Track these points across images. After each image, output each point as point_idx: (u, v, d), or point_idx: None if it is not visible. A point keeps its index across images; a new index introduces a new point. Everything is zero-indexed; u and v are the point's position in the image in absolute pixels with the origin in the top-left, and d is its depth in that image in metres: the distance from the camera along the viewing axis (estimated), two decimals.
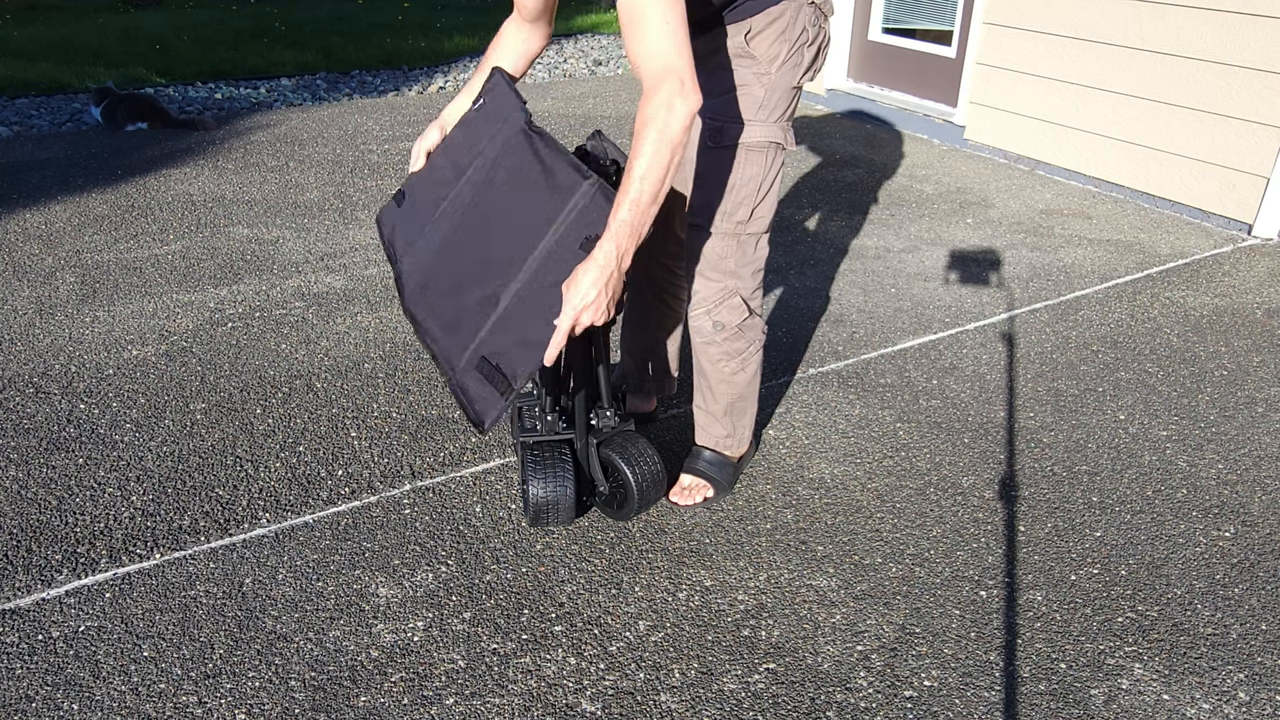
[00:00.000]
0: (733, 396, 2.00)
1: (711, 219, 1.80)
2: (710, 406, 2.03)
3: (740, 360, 1.94)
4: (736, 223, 1.80)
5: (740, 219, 1.79)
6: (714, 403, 2.02)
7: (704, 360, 1.96)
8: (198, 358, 2.63)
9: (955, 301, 3.10)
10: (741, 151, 1.76)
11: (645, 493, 1.91)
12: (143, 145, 4.48)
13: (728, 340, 1.90)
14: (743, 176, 1.77)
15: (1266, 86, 3.53)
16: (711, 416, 2.04)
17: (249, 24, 7.50)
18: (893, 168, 4.47)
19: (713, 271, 1.84)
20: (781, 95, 1.75)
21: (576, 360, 1.85)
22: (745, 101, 1.74)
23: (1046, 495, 2.14)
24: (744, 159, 1.76)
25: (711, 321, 1.88)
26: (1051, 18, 4.18)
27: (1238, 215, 3.72)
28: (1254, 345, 2.83)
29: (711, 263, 1.83)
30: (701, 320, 1.89)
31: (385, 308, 2.95)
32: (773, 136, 1.76)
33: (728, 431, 2.06)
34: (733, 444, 2.07)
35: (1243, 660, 1.69)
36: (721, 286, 1.85)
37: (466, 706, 1.57)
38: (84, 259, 3.22)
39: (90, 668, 1.63)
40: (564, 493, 1.88)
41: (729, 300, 1.86)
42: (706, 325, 1.89)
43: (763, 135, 1.75)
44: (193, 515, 2.01)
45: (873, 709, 1.59)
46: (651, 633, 1.73)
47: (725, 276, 1.84)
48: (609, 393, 1.94)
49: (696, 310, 1.89)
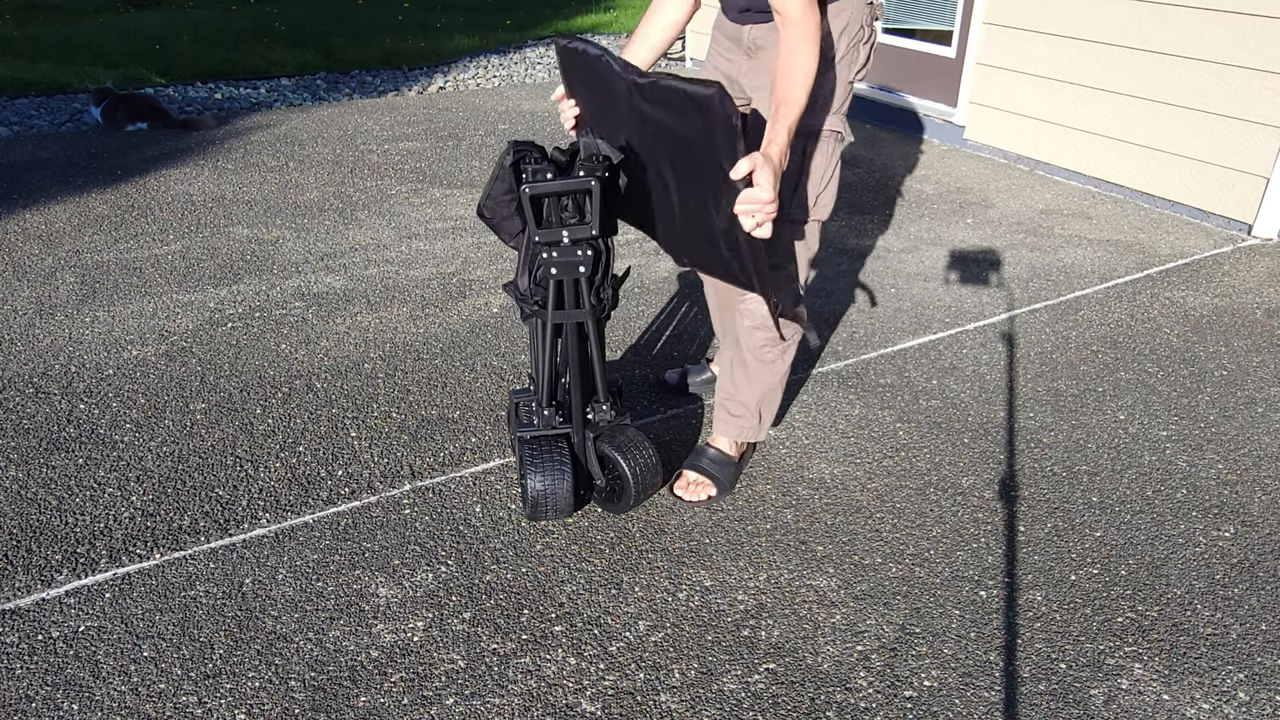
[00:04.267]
0: (769, 386, 2.03)
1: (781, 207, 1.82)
2: (744, 396, 2.04)
3: (782, 349, 1.98)
4: (804, 210, 1.86)
5: (808, 206, 1.86)
6: (750, 392, 2.03)
7: (747, 347, 1.97)
8: (198, 358, 2.63)
9: (955, 301, 3.10)
10: (809, 140, 1.83)
11: (642, 483, 1.92)
12: (143, 145, 4.47)
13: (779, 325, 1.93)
14: (812, 165, 1.84)
15: (1266, 86, 3.53)
16: (743, 406, 2.06)
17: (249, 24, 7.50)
18: (893, 168, 4.47)
19: (776, 257, 1.87)
20: (842, 88, 1.84)
21: (573, 355, 1.86)
22: None
23: (1046, 495, 2.14)
24: (812, 148, 1.83)
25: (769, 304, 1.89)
26: (1051, 18, 4.18)
27: (1238, 215, 3.72)
28: (1254, 345, 2.83)
29: (777, 249, 1.86)
30: (758, 305, 1.90)
31: (385, 308, 2.95)
32: (834, 126, 1.85)
33: (756, 422, 2.08)
34: (756, 432, 2.10)
35: (1243, 660, 1.69)
36: (784, 273, 1.89)
37: (466, 706, 1.57)
38: (84, 259, 3.22)
39: (90, 668, 1.63)
40: (561, 484, 1.88)
41: (790, 286, 1.91)
42: (762, 309, 1.90)
43: (828, 125, 1.84)
44: (193, 515, 2.01)
45: (873, 709, 1.59)
46: (651, 633, 1.73)
47: (787, 262, 1.89)
48: (605, 387, 1.95)
49: (754, 295, 1.90)
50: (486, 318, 2.90)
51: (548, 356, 1.87)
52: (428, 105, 5.42)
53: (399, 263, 3.27)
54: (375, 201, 3.83)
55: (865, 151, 4.72)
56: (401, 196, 3.90)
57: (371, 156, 4.41)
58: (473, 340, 2.77)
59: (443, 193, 3.96)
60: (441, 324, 2.86)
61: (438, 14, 8.38)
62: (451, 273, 3.20)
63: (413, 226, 3.59)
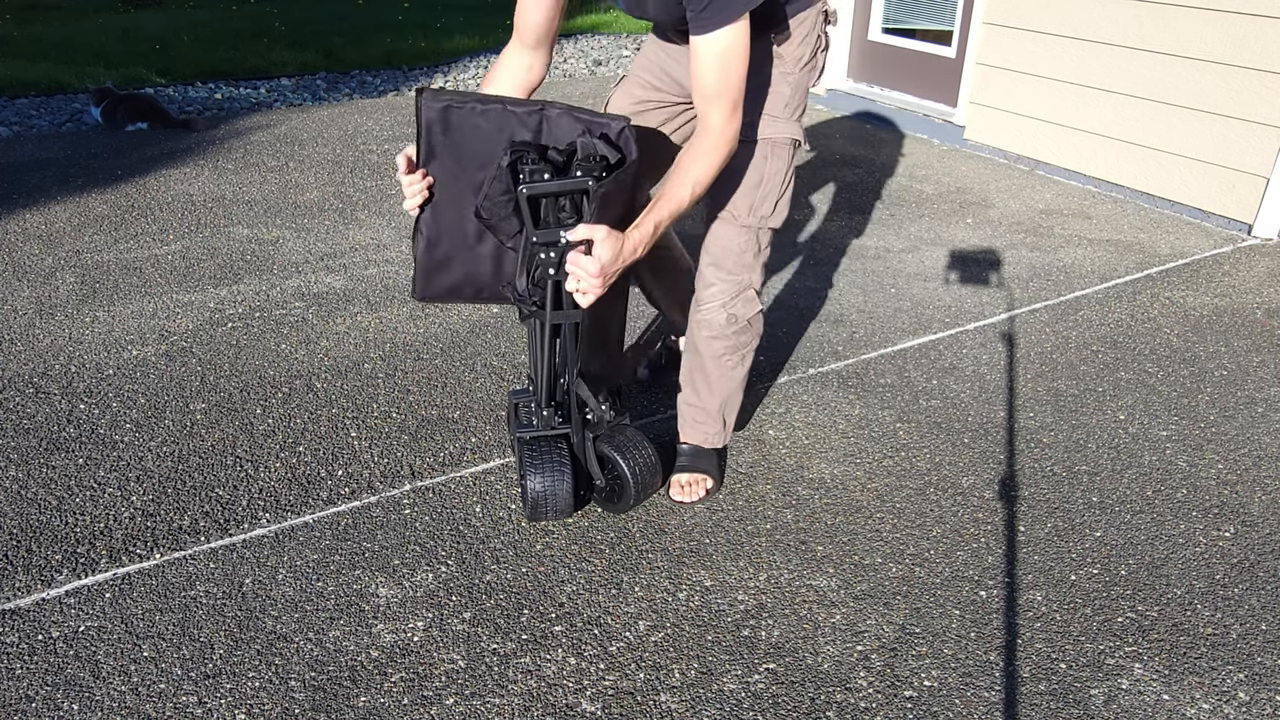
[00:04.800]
0: (728, 392, 2.03)
1: (738, 213, 1.86)
2: (705, 402, 2.05)
3: (741, 355, 1.98)
4: (761, 216, 1.86)
5: (764, 213, 1.86)
6: (710, 399, 2.04)
7: (706, 355, 1.97)
8: (198, 358, 2.63)
9: (955, 301, 3.10)
10: (768, 147, 1.83)
11: (641, 482, 1.92)
12: (143, 145, 4.47)
13: (736, 334, 1.94)
14: (769, 171, 1.84)
15: (1266, 86, 3.53)
16: (705, 412, 2.06)
17: (249, 24, 7.50)
18: (893, 168, 4.47)
19: (733, 265, 1.89)
20: (802, 95, 1.86)
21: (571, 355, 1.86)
22: (773, 100, 1.82)
23: (1046, 495, 2.14)
24: (771, 154, 1.84)
25: (726, 314, 1.91)
26: (1051, 18, 4.18)
27: (1238, 215, 3.72)
28: (1254, 345, 2.83)
29: (733, 256, 1.88)
30: (715, 314, 1.91)
31: (385, 308, 2.95)
32: (794, 134, 1.85)
33: (719, 427, 2.08)
34: (722, 438, 2.11)
35: (1243, 660, 1.69)
36: (739, 280, 1.90)
37: (466, 706, 1.57)
38: (84, 259, 3.22)
39: (90, 668, 1.63)
40: (561, 484, 1.89)
41: (745, 294, 1.92)
42: (720, 319, 1.91)
43: (787, 132, 1.85)
44: (193, 515, 2.01)
45: (873, 709, 1.59)
46: (651, 633, 1.73)
47: (743, 270, 1.90)
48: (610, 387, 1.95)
49: (711, 304, 1.92)
50: (486, 318, 2.90)
51: (546, 357, 1.87)
52: None
53: (399, 263, 3.27)
54: (375, 201, 3.84)
55: (865, 151, 4.72)
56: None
57: (371, 156, 4.41)
58: (473, 340, 2.77)
59: None
60: (441, 324, 2.86)
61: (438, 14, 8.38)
62: None
63: (413, 226, 3.59)
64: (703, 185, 1.66)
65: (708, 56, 1.57)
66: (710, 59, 1.57)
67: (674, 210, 1.65)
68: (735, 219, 1.86)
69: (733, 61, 1.57)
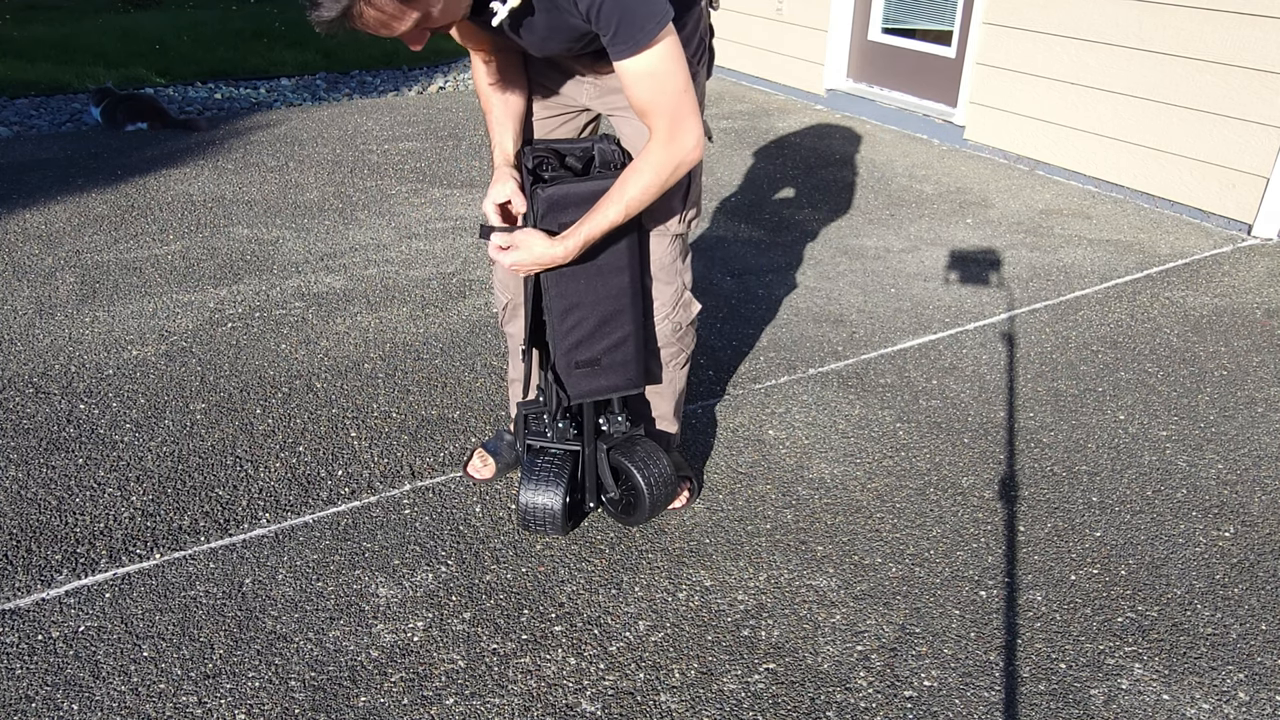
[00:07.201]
0: (678, 393, 2.04)
1: (669, 224, 1.83)
2: (662, 409, 2.05)
3: (687, 355, 1.99)
4: (685, 221, 1.85)
5: (691, 217, 1.86)
6: (665, 404, 2.04)
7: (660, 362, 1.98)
8: (198, 358, 2.63)
9: (955, 301, 3.10)
10: None
11: (656, 496, 1.90)
12: (142, 145, 4.47)
13: (680, 338, 1.94)
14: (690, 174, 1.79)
15: (1266, 86, 3.53)
16: (662, 419, 2.07)
17: (249, 24, 7.50)
18: (893, 168, 4.47)
19: (667, 274, 1.87)
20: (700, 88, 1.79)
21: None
22: None
23: (1046, 495, 2.14)
24: None
25: (671, 325, 1.91)
26: (1051, 18, 4.18)
27: (1237, 215, 3.72)
28: (1254, 345, 2.83)
29: (666, 265, 1.86)
30: (660, 326, 1.90)
31: (385, 308, 2.95)
32: None
33: (676, 428, 2.09)
34: (677, 438, 2.12)
35: (1243, 660, 1.69)
36: (675, 287, 1.89)
37: (466, 706, 1.57)
38: (84, 259, 3.22)
39: (90, 668, 1.63)
40: (552, 504, 1.86)
41: (682, 298, 1.91)
42: (666, 330, 1.91)
43: None
44: (193, 515, 2.01)
45: (873, 709, 1.59)
46: (651, 633, 1.73)
47: (676, 276, 1.88)
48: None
49: (655, 318, 1.90)
50: (486, 318, 2.90)
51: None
52: (428, 105, 5.42)
53: (399, 263, 3.27)
54: (375, 201, 3.83)
55: (865, 151, 4.72)
56: (401, 196, 3.90)
57: (371, 156, 4.41)
58: (473, 340, 2.77)
59: (443, 193, 3.96)
60: (441, 324, 2.86)
61: None
62: (451, 273, 3.20)
63: (413, 226, 3.59)
64: (638, 203, 1.61)
65: (632, 81, 1.52)
66: (634, 81, 1.52)
67: (604, 226, 1.62)
68: (667, 230, 1.83)
69: (662, 81, 1.51)
